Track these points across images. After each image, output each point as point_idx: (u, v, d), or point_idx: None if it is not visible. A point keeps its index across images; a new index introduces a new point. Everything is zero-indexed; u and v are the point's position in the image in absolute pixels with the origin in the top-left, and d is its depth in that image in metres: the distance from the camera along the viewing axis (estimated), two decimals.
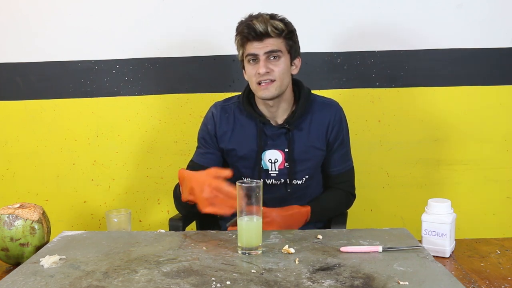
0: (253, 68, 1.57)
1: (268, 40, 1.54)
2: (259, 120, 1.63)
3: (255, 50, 1.55)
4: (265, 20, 1.54)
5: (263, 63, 1.54)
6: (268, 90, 1.56)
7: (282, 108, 1.64)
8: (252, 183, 1.18)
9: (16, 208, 1.29)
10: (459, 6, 2.16)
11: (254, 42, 1.55)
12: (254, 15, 1.57)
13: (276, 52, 1.55)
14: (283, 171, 1.65)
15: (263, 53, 1.54)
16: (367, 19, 2.18)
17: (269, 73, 1.55)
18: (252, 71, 1.57)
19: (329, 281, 1.03)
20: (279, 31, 1.55)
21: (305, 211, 1.58)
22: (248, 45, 1.57)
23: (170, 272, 1.10)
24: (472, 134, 2.22)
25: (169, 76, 2.23)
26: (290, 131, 1.62)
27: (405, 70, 2.20)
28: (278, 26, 1.54)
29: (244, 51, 1.59)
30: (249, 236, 1.20)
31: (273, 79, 1.56)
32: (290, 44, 1.59)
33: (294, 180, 1.66)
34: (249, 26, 1.54)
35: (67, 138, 2.27)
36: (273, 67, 1.55)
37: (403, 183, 2.25)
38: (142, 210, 2.30)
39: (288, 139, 1.63)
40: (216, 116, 1.68)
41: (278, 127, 1.64)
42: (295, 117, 1.62)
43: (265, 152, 1.64)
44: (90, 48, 2.21)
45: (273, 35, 1.54)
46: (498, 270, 1.16)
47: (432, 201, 1.27)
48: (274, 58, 1.56)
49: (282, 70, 1.57)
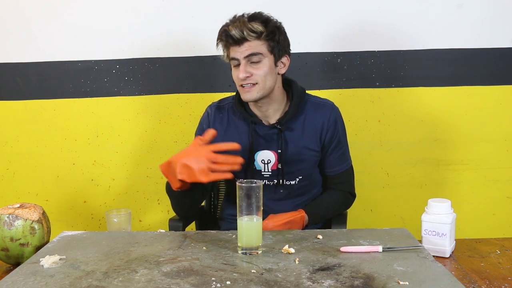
0: (236, 72, 1.56)
1: (246, 43, 1.52)
2: (250, 120, 1.62)
3: (235, 54, 1.54)
4: (241, 24, 1.51)
5: (243, 68, 1.53)
6: (250, 93, 1.55)
7: (273, 108, 1.62)
8: (252, 183, 1.18)
9: (16, 208, 1.29)
10: (459, 6, 2.16)
11: (234, 46, 1.53)
12: (232, 19, 1.55)
13: (256, 55, 1.52)
14: (276, 172, 1.63)
15: (243, 57, 1.53)
16: (367, 19, 2.18)
17: (249, 77, 1.53)
18: (235, 74, 1.57)
19: (329, 281, 1.03)
20: (257, 34, 1.51)
21: (300, 217, 1.58)
22: (229, 49, 1.56)
23: (170, 272, 1.09)
24: (472, 134, 2.22)
25: (169, 76, 2.23)
26: (282, 132, 1.61)
27: (405, 70, 2.20)
28: (257, 29, 1.51)
29: (227, 55, 1.58)
30: (249, 236, 1.20)
31: (254, 82, 1.54)
32: (272, 44, 1.54)
33: (287, 181, 1.65)
34: (226, 32, 1.52)
35: (67, 138, 2.27)
36: (254, 71, 1.53)
37: (403, 183, 2.25)
38: (142, 210, 2.30)
39: (281, 140, 1.61)
40: (211, 115, 1.68)
41: (270, 127, 1.62)
42: (287, 117, 1.61)
43: (258, 153, 1.63)
44: (90, 48, 2.22)
45: (250, 38, 1.51)
46: (498, 270, 1.16)
47: (432, 201, 1.26)
48: (255, 61, 1.53)
49: (264, 72, 1.54)
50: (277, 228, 1.52)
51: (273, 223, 1.53)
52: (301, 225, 1.58)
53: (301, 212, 1.59)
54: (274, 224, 1.53)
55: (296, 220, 1.57)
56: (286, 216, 1.56)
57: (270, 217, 1.56)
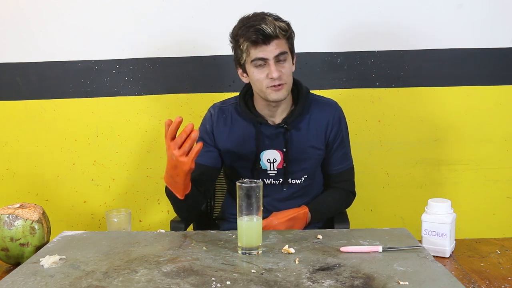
0: (262, 72, 1.53)
1: (275, 42, 1.51)
2: (256, 120, 1.63)
3: (264, 54, 1.51)
4: (272, 21, 1.50)
5: (275, 67, 1.51)
6: (281, 92, 1.55)
7: (281, 108, 1.64)
8: (252, 183, 1.18)
9: (16, 208, 1.29)
10: (459, 6, 2.16)
11: (263, 45, 1.51)
12: (257, 17, 1.53)
13: (284, 55, 1.53)
14: (282, 171, 1.65)
15: (273, 57, 1.51)
16: (367, 19, 2.17)
17: (280, 76, 1.53)
18: (261, 75, 1.53)
19: (329, 281, 1.03)
20: (285, 32, 1.53)
21: (303, 213, 1.58)
22: (255, 49, 1.52)
23: (170, 272, 1.09)
24: (472, 134, 2.22)
25: (169, 76, 2.23)
26: (288, 131, 1.62)
27: (405, 70, 2.20)
28: (283, 26, 1.52)
29: (248, 55, 1.54)
30: (249, 236, 1.20)
31: (283, 82, 1.54)
32: (291, 43, 1.58)
33: (293, 180, 1.66)
34: (258, 29, 1.48)
35: (67, 138, 2.27)
36: (282, 69, 1.53)
37: (403, 183, 2.25)
38: (142, 210, 2.30)
39: (286, 139, 1.62)
40: (214, 116, 1.68)
41: (276, 126, 1.63)
42: (293, 116, 1.62)
43: (263, 152, 1.64)
44: (90, 48, 2.21)
45: (280, 36, 1.52)
46: (498, 270, 1.16)
47: (432, 201, 1.26)
48: (282, 60, 1.53)
49: (290, 71, 1.56)
50: (282, 225, 1.52)
51: (277, 220, 1.53)
52: (304, 222, 1.58)
53: (304, 208, 1.60)
54: (278, 221, 1.52)
55: (299, 217, 1.57)
56: (289, 213, 1.57)
57: (274, 215, 1.56)
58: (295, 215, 1.56)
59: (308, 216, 1.60)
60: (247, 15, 1.56)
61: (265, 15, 1.54)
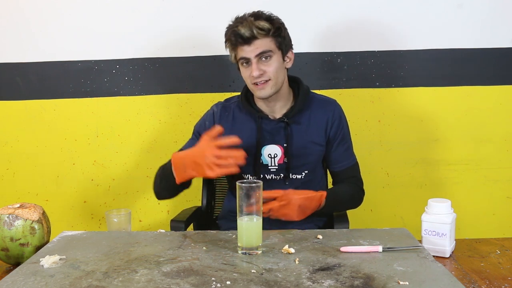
0: (247, 71, 1.59)
1: (256, 42, 1.55)
2: (257, 115, 1.65)
3: (246, 54, 1.57)
4: (249, 23, 1.54)
5: (255, 66, 1.56)
6: (264, 90, 1.59)
7: (280, 103, 1.66)
8: (252, 183, 1.18)
9: (16, 208, 1.29)
10: (459, 6, 2.16)
11: (244, 46, 1.56)
12: (239, 19, 1.58)
13: (266, 53, 1.56)
14: (283, 166, 1.66)
15: (254, 56, 1.56)
16: (367, 19, 2.17)
17: (262, 75, 1.57)
18: (246, 73, 1.60)
19: (329, 281, 1.03)
20: (266, 31, 1.55)
21: (320, 195, 1.56)
22: (238, 50, 1.58)
23: (170, 272, 1.10)
24: (472, 134, 2.22)
25: (169, 76, 2.23)
26: (288, 125, 1.64)
27: (405, 70, 2.20)
28: (264, 26, 1.54)
29: (236, 55, 1.60)
30: (249, 236, 1.20)
31: (267, 79, 1.58)
32: (279, 40, 1.59)
33: (294, 175, 1.67)
34: (235, 32, 1.55)
35: (67, 138, 2.27)
36: (266, 68, 1.57)
37: (403, 183, 2.25)
38: (142, 210, 2.30)
39: (287, 134, 1.64)
40: (216, 114, 1.70)
41: (277, 121, 1.65)
42: (293, 111, 1.64)
43: (264, 147, 1.66)
44: (90, 48, 2.22)
45: (259, 37, 1.54)
46: (498, 270, 1.16)
47: (432, 201, 1.27)
48: (265, 58, 1.57)
49: (275, 68, 1.58)
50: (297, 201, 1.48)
51: (296, 194, 1.50)
52: (317, 205, 1.56)
53: (322, 192, 1.58)
54: (297, 196, 1.49)
55: (316, 198, 1.55)
56: (307, 192, 1.54)
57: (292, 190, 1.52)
58: (313, 195, 1.54)
59: (323, 200, 1.58)
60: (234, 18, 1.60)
61: (246, 17, 1.57)
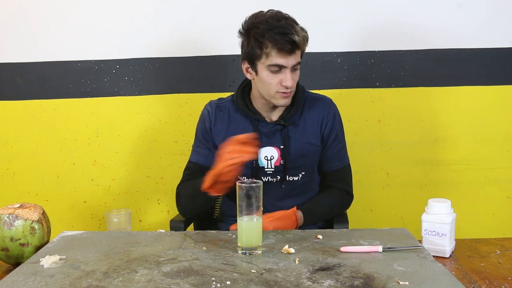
0: (275, 78, 1.53)
1: (298, 51, 1.52)
2: (253, 117, 1.64)
3: (285, 62, 1.51)
4: (300, 31, 1.51)
5: (290, 76, 1.52)
6: (288, 99, 1.58)
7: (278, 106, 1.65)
8: (252, 183, 1.18)
9: (16, 208, 1.29)
10: (459, 6, 2.16)
11: (287, 54, 1.50)
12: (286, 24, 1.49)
13: (299, 64, 1.56)
14: (279, 168, 1.65)
15: (291, 66, 1.53)
16: (367, 19, 2.18)
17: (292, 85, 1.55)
18: (274, 80, 1.53)
19: (329, 281, 1.03)
20: (307, 43, 1.55)
21: (291, 211, 1.58)
22: (278, 56, 1.50)
23: (170, 272, 1.10)
24: (472, 134, 2.22)
25: (169, 76, 2.23)
26: (285, 128, 1.63)
27: (405, 70, 2.20)
28: (306, 37, 1.53)
29: (268, 58, 1.51)
30: (249, 236, 1.20)
31: (293, 90, 1.58)
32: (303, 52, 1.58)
33: (290, 177, 1.66)
34: (290, 39, 1.47)
35: (67, 138, 2.27)
36: (295, 78, 1.56)
37: (403, 183, 2.25)
38: (142, 210, 2.30)
39: (283, 136, 1.63)
40: (212, 114, 1.68)
41: (273, 124, 1.64)
42: (290, 113, 1.63)
43: (261, 150, 1.64)
44: (90, 48, 2.21)
45: (302, 47, 1.53)
46: (498, 270, 1.16)
47: (432, 201, 1.27)
48: (296, 69, 1.56)
49: (298, 78, 1.59)
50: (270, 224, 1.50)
51: (266, 218, 1.50)
52: (293, 220, 1.57)
53: (293, 208, 1.60)
54: (268, 220, 1.51)
55: (288, 215, 1.57)
56: (277, 213, 1.57)
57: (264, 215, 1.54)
58: (283, 214, 1.56)
59: (298, 215, 1.59)
60: (270, 14, 1.53)
61: (293, 21, 1.53)
